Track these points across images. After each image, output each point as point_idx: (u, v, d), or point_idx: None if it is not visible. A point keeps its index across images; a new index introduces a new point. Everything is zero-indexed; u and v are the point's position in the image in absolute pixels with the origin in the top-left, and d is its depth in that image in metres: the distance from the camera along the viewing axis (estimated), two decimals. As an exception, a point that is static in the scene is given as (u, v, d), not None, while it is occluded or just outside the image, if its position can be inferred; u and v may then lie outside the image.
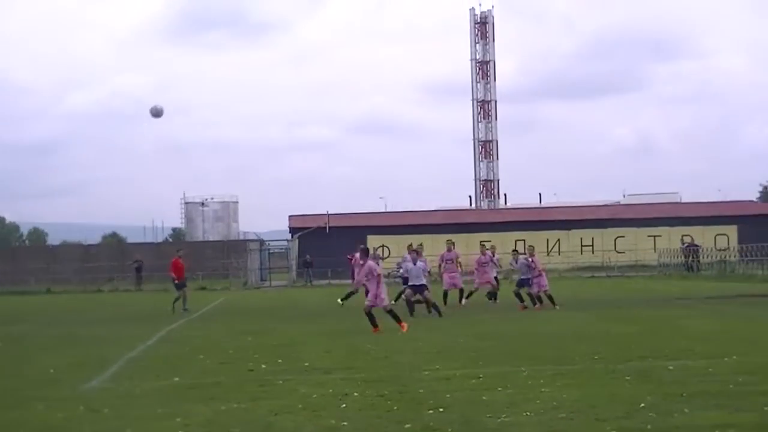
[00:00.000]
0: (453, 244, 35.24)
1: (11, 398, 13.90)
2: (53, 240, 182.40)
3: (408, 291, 29.69)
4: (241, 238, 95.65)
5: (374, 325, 23.77)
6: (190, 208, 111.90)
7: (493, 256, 35.44)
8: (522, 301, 31.37)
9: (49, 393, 14.30)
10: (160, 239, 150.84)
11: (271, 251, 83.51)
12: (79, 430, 11.21)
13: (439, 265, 35.04)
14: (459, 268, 34.39)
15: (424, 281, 29.61)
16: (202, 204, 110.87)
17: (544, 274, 32.14)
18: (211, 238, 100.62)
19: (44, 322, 32.50)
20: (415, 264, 29.86)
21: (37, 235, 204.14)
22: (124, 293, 62.64)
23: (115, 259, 79.38)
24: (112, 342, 23.04)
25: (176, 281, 37.09)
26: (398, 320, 23.98)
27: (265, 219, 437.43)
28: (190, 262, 40.85)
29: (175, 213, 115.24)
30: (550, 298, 31.48)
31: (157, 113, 32.79)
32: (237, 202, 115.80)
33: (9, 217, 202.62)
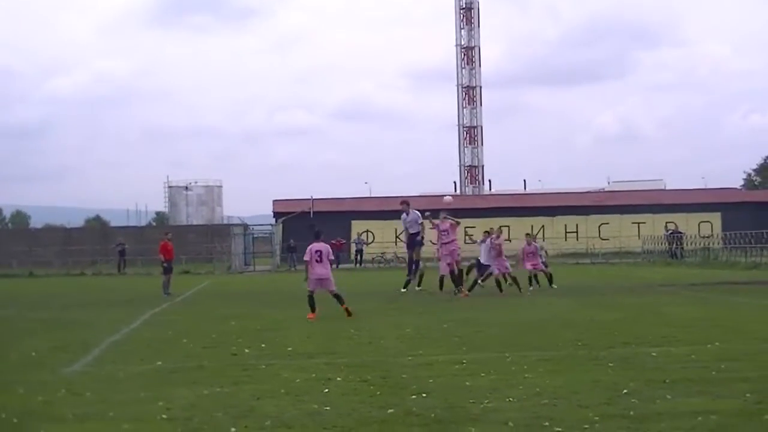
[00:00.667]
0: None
1: (-6, 381, 13.86)
2: (36, 223, 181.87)
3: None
4: (225, 222, 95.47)
5: (313, 310, 23.69)
6: (174, 192, 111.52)
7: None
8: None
9: (30, 376, 14.23)
10: (143, 223, 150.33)
11: (255, 236, 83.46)
12: (60, 414, 11.14)
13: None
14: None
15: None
16: (186, 188, 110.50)
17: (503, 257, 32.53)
18: (194, 222, 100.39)
19: (26, 305, 32.36)
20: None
21: (20, 218, 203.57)
22: (107, 277, 62.53)
23: (98, 243, 79.18)
24: (95, 325, 22.98)
25: (165, 263, 37.11)
26: (342, 303, 23.89)
27: (249, 203, 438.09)
28: (174, 246, 40.81)
29: (159, 197, 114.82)
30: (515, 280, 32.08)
31: None
32: (221, 186, 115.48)
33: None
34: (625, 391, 11.75)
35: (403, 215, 33.69)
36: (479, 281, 32.44)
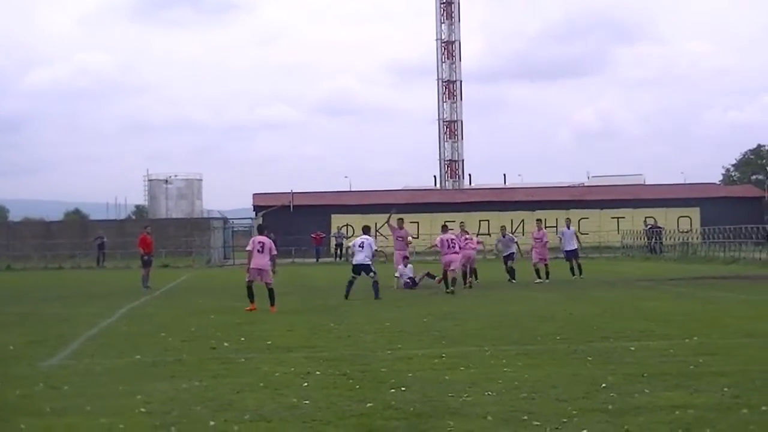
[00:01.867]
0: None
1: (-30, 375, 13.81)
2: (14, 217, 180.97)
3: None
4: (205, 216, 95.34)
5: (251, 301, 24.12)
6: (154, 185, 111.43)
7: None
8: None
9: (7, 370, 14.22)
10: (123, 216, 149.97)
11: (235, 229, 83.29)
12: (37, 408, 11.11)
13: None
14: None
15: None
16: (166, 181, 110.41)
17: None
18: (174, 216, 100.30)
19: (3, 299, 32.26)
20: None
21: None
22: (85, 270, 62.29)
23: (77, 237, 78.86)
24: (73, 319, 22.91)
25: (144, 256, 37.19)
26: (272, 301, 24.13)
27: (229, 197, 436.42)
28: (154, 239, 40.81)
29: (139, 190, 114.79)
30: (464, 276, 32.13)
31: None
32: (201, 180, 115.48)
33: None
34: (603, 385, 11.78)
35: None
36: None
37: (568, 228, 39.35)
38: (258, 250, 24.48)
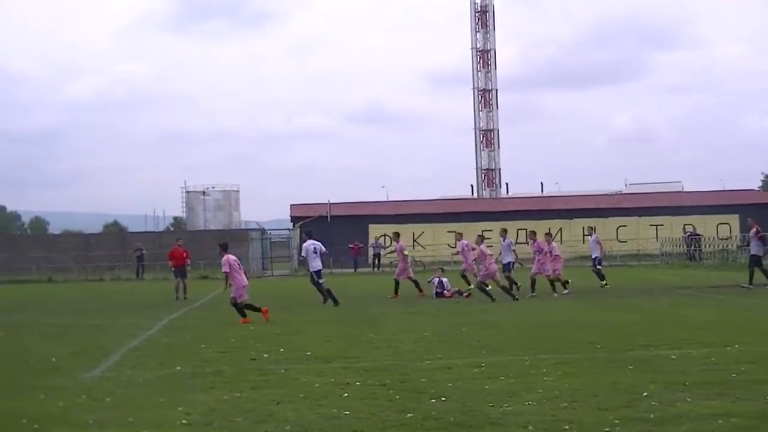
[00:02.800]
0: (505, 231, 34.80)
1: (13, 387, 13.91)
2: (54, 229, 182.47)
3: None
4: (243, 227, 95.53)
5: (243, 314, 24.71)
6: (191, 197, 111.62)
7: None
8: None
9: (50, 382, 14.31)
10: (161, 228, 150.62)
11: (273, 240, 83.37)
12: (80, 419, 11.19)
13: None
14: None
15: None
16: (203, 193, 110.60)
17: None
18: (212, 227, 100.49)
19: (46, 311, 32.47)
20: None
21: (39, 224, 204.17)
22: (125, 282, 62.58)
23: (116, 248, 79.28)
24: (114, 331, 23.05)
25: (173, 268, 37.94)
26: (243, 315, 24.71)
27: (266, 208, 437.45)
28: (189, 251, 41.13)
29: (176, 202, 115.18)
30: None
31: None
32: (238, 191, 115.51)
33: (10, 207, 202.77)
34: (644, 393, 11.73)
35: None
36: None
37: (591, 236, 38.95)
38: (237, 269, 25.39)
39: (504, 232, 34.63)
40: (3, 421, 11.21)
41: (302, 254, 31.21)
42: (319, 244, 30.33)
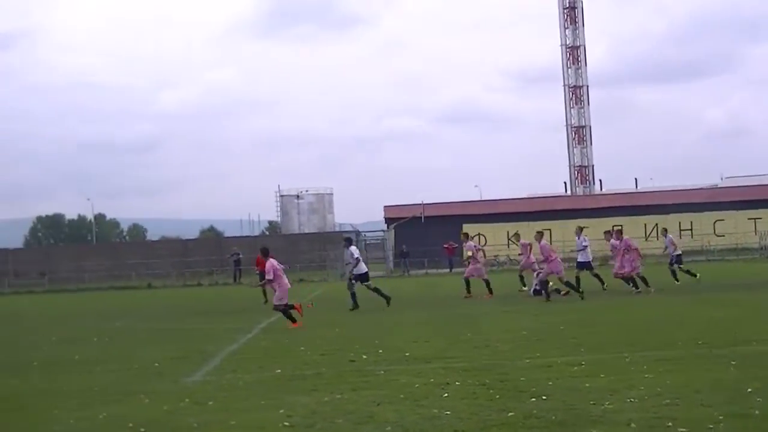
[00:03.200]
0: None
1: (117, 392, 14.12)
2: (152, 236, 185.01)
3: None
4: (337, 229, 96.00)
5: (293, 320, 24.64)
6: (286, 201, 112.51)
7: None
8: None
9: (153, 386, 14.50)
10: (256, 232, 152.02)
11: (367, 242, 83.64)
12: (184, 423, 11.32)
13: None
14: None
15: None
16: (297, 197, 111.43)
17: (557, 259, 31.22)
18: (306, 231, 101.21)
19: (146, 316, 32.96)
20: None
21: (137, 231, 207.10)
22: (223, 287, 63.23)
23: (213, 253, 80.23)
24: (214, 335, 23.31)
25: (258, 274, 38.43)
26: (293, 320, 24.61)
27: (359, 210, 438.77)
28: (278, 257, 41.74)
29: (271, 206, 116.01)
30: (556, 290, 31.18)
31: None
32: (331, 194, 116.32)
33: (110, 214, 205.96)
34: (749, 390, 11.56)
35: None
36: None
37: (665, 236, 38.05)
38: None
39: (579, 230, 34.49)
40: (111, 426, 11.39)
41: (347, 260, 31.56)
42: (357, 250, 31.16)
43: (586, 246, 33.10)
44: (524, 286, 33.83)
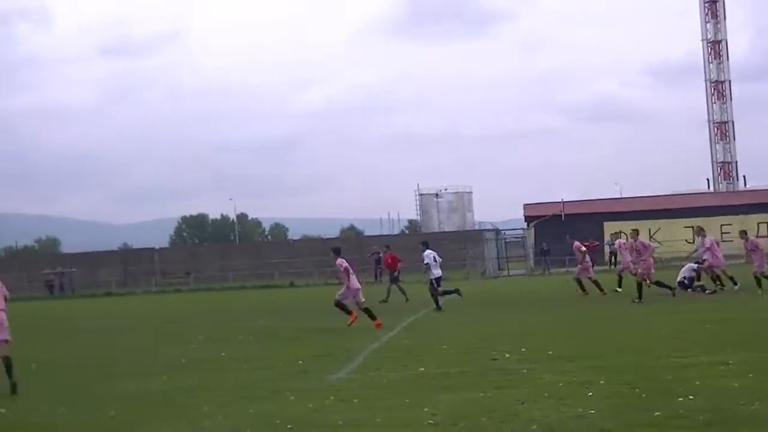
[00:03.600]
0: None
1: (264, 389, 14.37)
2: (293, 235, 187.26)
3: None
4: (477, 228, 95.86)
5: (348, 312, 25.75)
6: (425, 199, 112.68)
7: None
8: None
9: (298, 384, 14.70)
10: (396, 231, 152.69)
11: (507, 240, 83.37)
12: (330, 420, 11.45)
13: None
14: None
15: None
16: (437, 195, 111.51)
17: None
18: (446, 229, 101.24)
19: (289, 314, 33.35)
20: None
21: (278, 230, 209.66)
22: (364, 286, 63.51)
23: (353, 252, 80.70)
24: (356, 333, 23.50)
25: (392, 273, 39.15)
26: (348, 312, 25.60)
27: (499, 208, 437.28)
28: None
29: (411, 205, 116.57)
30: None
31: None
32: (471, 192, 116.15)
33: (252, 214, 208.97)
34: None
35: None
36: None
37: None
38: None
39: (700, 230, 33.86)
40: (258, 423, 11.58)
41: (425, 262, 31.52)
42: (435, 253, 31.50)
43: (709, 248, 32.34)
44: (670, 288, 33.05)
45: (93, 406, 13.64)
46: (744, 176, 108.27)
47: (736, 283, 31.39)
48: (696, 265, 32.36)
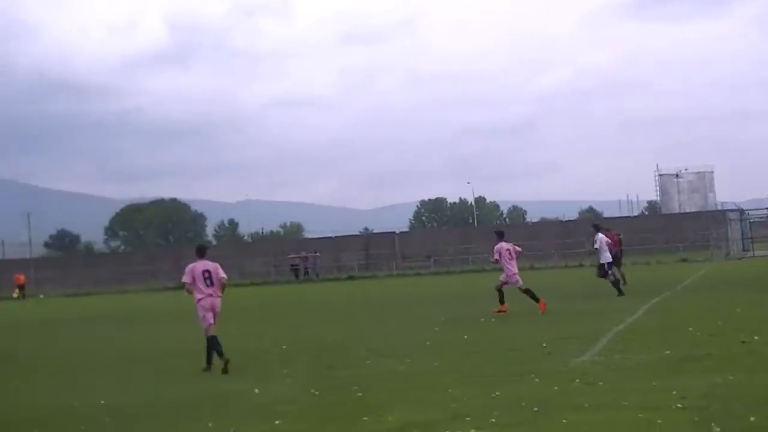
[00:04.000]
0: None
1: (508, 372, 14.41)
2: (531, 217, 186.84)
3: None
4: (719, 208, 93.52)
5: (501, 302, 25.86)
6: (665, 180, 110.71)
7: None
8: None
9: (543, 366, 14.68)
10: (635, 213, 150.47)
11: (752, 220, 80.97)
12: (575, 402, 11.38)
13: None
14: None
15: None
16: (677, 176, 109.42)
17: None
18: (687, 210, 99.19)
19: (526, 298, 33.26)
20: None
21: (517, 213, 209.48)
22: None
23: (591, 234, 79.95)
24: (599, 315, 23.28)
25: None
26: (536, 299, 25.56)
27: (743, 188, 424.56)
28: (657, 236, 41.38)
29: (650, 186, 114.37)
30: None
31: None
32: (712, 172, 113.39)
33: (490, 197, 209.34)
34: None
35: None
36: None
37: None
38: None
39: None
40: (504, 405, 11.59)
41: (595, 246, 31.37)
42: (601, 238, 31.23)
43: None
44: None
45: (340, 387, 13.96)
46: None
47: None
48: None
